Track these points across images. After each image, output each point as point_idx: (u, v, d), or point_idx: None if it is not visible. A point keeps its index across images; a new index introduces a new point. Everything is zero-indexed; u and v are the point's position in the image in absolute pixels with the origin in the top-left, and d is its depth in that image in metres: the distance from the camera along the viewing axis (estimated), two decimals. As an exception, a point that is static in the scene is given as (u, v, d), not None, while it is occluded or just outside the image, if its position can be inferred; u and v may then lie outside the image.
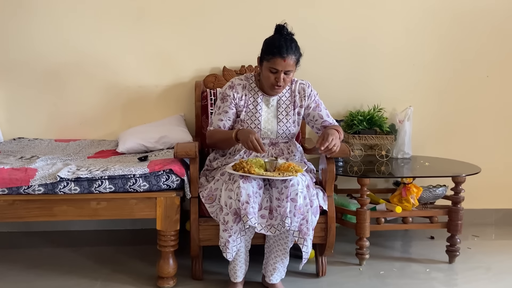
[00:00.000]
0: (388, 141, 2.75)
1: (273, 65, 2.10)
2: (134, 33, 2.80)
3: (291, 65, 2.11)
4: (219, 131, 2.24)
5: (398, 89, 2.95)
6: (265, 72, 2.15)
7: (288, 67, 2.10)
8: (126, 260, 2.50)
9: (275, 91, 2.20)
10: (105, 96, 2.84)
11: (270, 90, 2.20)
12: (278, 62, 2.08)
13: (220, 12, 2.81)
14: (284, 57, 2.07)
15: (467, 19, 2.93)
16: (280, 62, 2.08)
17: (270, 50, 2.10)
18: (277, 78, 2.12)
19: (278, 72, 2.11)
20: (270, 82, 2.14)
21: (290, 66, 2.10)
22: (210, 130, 2.27)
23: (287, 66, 2.09)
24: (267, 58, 2.11)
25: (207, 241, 2.16)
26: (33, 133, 2.83)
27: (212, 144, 2.31)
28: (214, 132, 2.25)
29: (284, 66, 2.09)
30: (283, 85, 2.16)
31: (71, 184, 2.06)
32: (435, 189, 2.64)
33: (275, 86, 2.15)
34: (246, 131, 2.09)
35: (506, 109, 3.03)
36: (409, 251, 2.74)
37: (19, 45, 2.77)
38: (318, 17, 2.85)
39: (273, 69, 2.11)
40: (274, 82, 2.13)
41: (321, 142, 2.06)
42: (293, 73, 2.16)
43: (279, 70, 2.10)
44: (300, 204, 1.98)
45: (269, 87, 2.18)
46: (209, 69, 2.84)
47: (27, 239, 2.77)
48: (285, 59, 2.07)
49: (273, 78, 2.13)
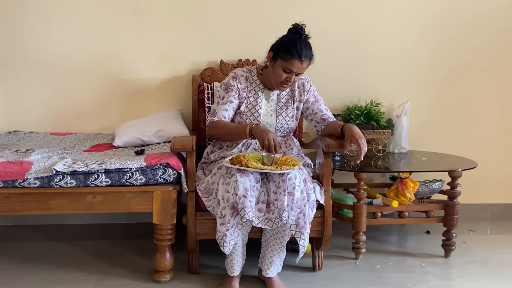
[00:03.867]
0: (385, 136, 2.75)
1: (289, 66, 2.10)
2: (130, 26, 2.78)
3: (305, 68, 2.14)
4: (227, 124, 2.20)
5: (395, 84, 2.95)
6: (278, 70, 2.14)
7: (302, 70, 2.14)
8: (122, 254, 2.49)
9: (282, 89, 2.21)
10: (101, 89, 2.82)
11: (277, 87, 2.20)
12: (295, 64, 2.10)
13: (217, 5, 2.80)
14: (302, 60, 2.09)
15: (464, 14, 2.92)
16: (297, 64, 2.10)
17: (289, 51, 2.09)
18: (288, 78, 2.14)
19: (292, 72, 2.12)
20: (280, 80, 2.15)
21: (304, 69, 2.14)
22: (214, 120, 2.22)
23: (302, 69, 2.13)
24: (284, 58, 2.11)
25: (204, 235, 2.16)
26: (28, 126, 2.81)
27: (215, 135, 2.24)
28: (220, 123, 2.20)
29: (300, 68, 2.12)
30: (291, 85, 2.18)
31: (67, 177, 2.05)
32: (431, 183, 2.65)
33: (284, 84, 2.16)
34: (263, 128, 2.09)
35: (502, 104, 3.03)
36: (405, 245, 2.76)
37: (14, 38, 2.74)
38: (316, 12, 2.83)
39: (288, 69, 2.12)
40: (285, 81, 2.15)
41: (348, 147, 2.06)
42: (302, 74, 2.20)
43: (293, 71, 2.12)
44: (297, 198, 1.98)
45: (277, 85, 2.18)
46: (206, 63, 2.83)
47: (22, 233, 2.76)
48: (302, 62, 2.10)
49: (285, 77, 2.14)
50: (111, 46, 2.79)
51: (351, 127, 2.14)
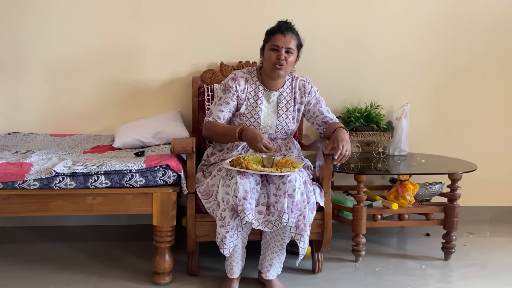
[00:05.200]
0: (385, 138, 2.75)
1: (274, 42, 2.14)
2: (131, 28, 2.78)
3: (292, 43, 2.15)
4: (219, 125, 2.20)
5: (395, 86, 2.95)
6: (267, 53, 2.17)
7: (288, 44, 2.13)
8: (122, 256, 2.49)
9: (277, 72, 2.17)
10: (101, 90, 2.82)
11: (271, 72, 2.18)
12: (278, 38, 2.13)
13: (217, 7, 2.80)
14: (284, 33, 2.13)
15: (464, 16, 2.93)
16: (281, 37, 2.13)
17: (270, 31, 2.18)
18: (278, 55, 2.14)
19: (279, 49, 2.14)
20: (272, 61, 2.15)
21: (291, 44, 2.14)
22: (209, 121, 2.23)
23: (287, 43, 2.13)
24: (268, 39, 2.17)
25: (204, 237, 2.16)
26: (28, 128, 2.81)
27: (209, 136, 2.27)
28: (214, 124, 2.21)
29: (285, 42, 2.13)
30: (285, 65, 2.15)
31: (67, 179, 2.04)
32: (431, 186, 2.64)
33: (276, 65, 2.15)
34: (252, 133, 2.06)
35: (502, 106, 3.04)
36: (405, 248, 2.75)
37: (14, 40, 2.74)
38: (316, 14, 2.84)
39: (274, 46, 2.14)
40: (276, 60, 2.14)
41: (330, 148, 2.08)
42: (294, 57, 2.18)
43: (279, 46, 2.13)
44: (297, 200, 1.97)
45: (271, 69, 2.17)
46: (206, 65, 2.83)
47: (22, 234, 2.75)
48: (285, 35, 2.13)
49: (275, 56, 2.14)
50: (112, 48, 2.79)
51: (340, 130, 2.15)
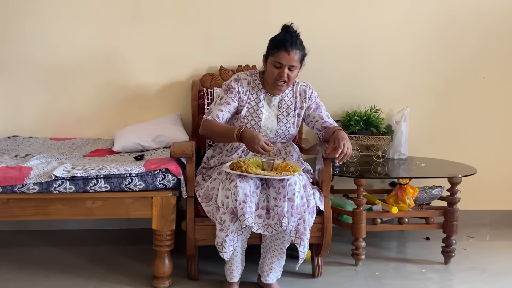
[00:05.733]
0: (384, 142, 2.75)
1: (278, 59, 2.11)
2: (131, 31, 2.78)
3: (295, 60, 2.11)
4: (218, 124, 2.17)
5: (395, 90, 2.95)
6: (270, 67, 2.15)
7: (292, 62, 2.11)
8: (121, 260, 2.48)
9: (278, 88, 2.18)
10: (101, 94, 2.82)
11: (273, 87, 2.18)
12: (283, 56, 2.09)
13: (217, 11, 2.80)
14: (288, 50, 2.09)
15: (463, 21, 2.94)
16: (285, 55, 2.09)
17: (275, 45, 2.13)
18: (281, 73, 2.12)
19: (282, 66, 2.11)
20: (274, 77, 2.14)
21: (294, 61, 2.11)
22: (208, 119, 2.20)
23: (291, 61, 2.10)
24: (272, 53, 2.13)
25: (203, 241, 2.15)
26: (28, 131, 2.80)
27: (206, 134, 2.23)
28: (212, 123, 2.18)
29: (288, 60, 2.10)
30: (287, 81, 2.15)
31: (66, 183, 2.04)
32: (431, 190, 2.65)
33: (278, 81, 2.14)
34: (250, 135, 2.04)
35: (501, 110, 3.04)
36: (404, 252, 2.75)
37: (14, 43, 2.74)
38: (316, 19, 2.84)
39: (278, 63, 2.11)
40: (278, 77, 2.13)
41: (332, 148, 2.08)
42: (297, 71, 2.17)
43: (283, 64, 2.11)
44: (297, 203, 1.97)
45: (272, 84, 2.17)
46: (206, 68, 2.83)
47: (21, 238, 2.75)
48: (289, 53, 2.09)
49: (277, 73, 2.13)
50: (112, 51, 2.80)
51: (339, 131, 2.16)
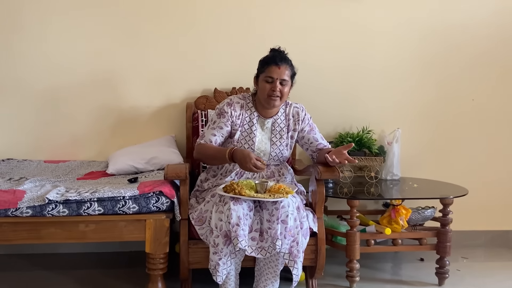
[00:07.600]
0: (377, 163, 2.78)
1: (269, 73, 2.17)
2: (125, 54, 2.82)
3: (286, 74, 2.18)
4: (210, 147, 2.21)
5: (386, 111, 2.99)
6: (262, 84, 2.20)
7: (283, 75, 2.17)
8: (114, 283, 2.46)
9: (272, 103, 2.21)
10: (95, 116, 2.84)
11: (266, 103, 2.22)
12: (273, 70, 2.16)
13: (211, 34, 2.85)
14: (278, 64, 2.16)
15: (454, 44, 3.00)
16: (275, 69, 2.16)
17: (265, 62, 2.21)
18: (273, 87, 2.17)
19: (274, 81, 2.17)
20: (266, 93, 2.18)
21: (285, 75, 2.18)
22: (201, 143, 2.24)
23: (282, 74, 2.17)
24: (262, 70, 2.20)
25: (197, 264, 2.14)
26: (22, 154, 2.80)
27: (200, 158, 2.27)
28: (205, 146, 2.22)
29: (279, 73, 2.16)
30: (280, 96, 2.19)
31: (60, 206, 2.04)
32: (423, 210, 2.66)
33: (271, 96, 2.18)
34: (242, 154, 2.07)
35: (491, 131, 3.08)
36: (399, 273, 2.74)
37: (8, 65, 2.77)
38: (308, 41, 2.90)
39: (269, 77, 2.17)
40: (271, 92, 2.17)
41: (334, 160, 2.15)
42: (288, 88, 2.22)
43: (274, 78, 2.16)
44: (290, 226, 1.98)
45: (265, 100, 2.20)
46: (200, 91, 2.86)
47: (13, 262, 2.71)
48: (279, 67, 2.16)
49: (269, 88, 2.17)
50: (106, 74, 2.82)
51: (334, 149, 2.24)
